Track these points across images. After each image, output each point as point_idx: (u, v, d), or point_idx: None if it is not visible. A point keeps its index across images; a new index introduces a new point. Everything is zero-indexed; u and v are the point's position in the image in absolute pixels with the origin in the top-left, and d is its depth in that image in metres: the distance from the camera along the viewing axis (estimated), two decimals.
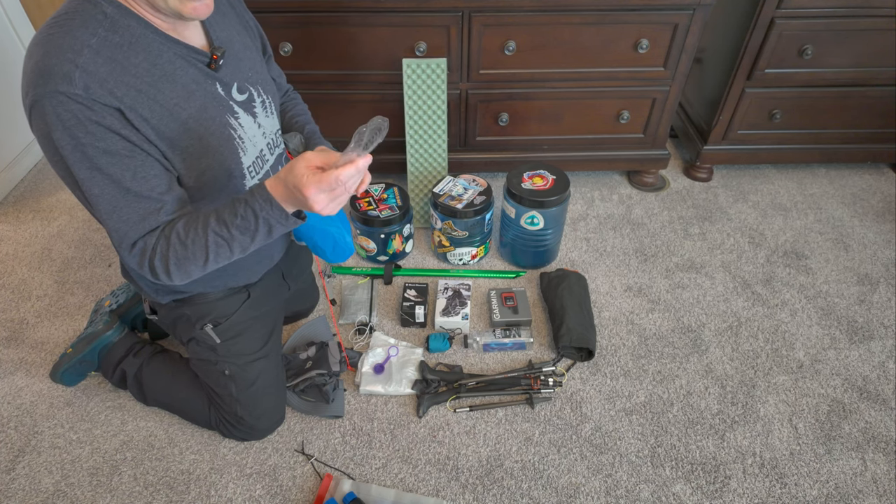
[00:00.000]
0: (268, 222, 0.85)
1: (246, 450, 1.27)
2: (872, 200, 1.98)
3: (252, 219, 0.84)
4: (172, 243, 0.86)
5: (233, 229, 0.85)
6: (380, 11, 1.53)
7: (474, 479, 1.22)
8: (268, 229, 0.86)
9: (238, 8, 1.07)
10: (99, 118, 0.79)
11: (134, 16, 0.84)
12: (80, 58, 0.78)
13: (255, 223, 0.85)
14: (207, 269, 0.90)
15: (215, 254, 0.87)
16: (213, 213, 0.87)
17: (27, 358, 1.45)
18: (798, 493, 1.21)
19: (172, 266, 0.87)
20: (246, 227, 0.85)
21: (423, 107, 1.65)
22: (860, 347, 1.50)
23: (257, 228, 0.85)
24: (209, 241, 0.86)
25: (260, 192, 0.84)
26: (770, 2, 1.61)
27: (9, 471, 1.23)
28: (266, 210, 0.84)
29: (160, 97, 0.86)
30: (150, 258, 0.87)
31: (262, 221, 0.84)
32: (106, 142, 0.80)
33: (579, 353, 1.44)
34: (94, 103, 0.78)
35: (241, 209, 0.84)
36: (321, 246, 1.14)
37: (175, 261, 0.87)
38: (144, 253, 0.87)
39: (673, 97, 1.76)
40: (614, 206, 1.95)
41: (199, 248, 0.86)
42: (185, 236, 0.86)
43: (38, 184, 2.02)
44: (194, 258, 0.87)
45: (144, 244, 0.87)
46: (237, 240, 0.86)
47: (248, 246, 0.89)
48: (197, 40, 0.94)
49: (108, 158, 0.81)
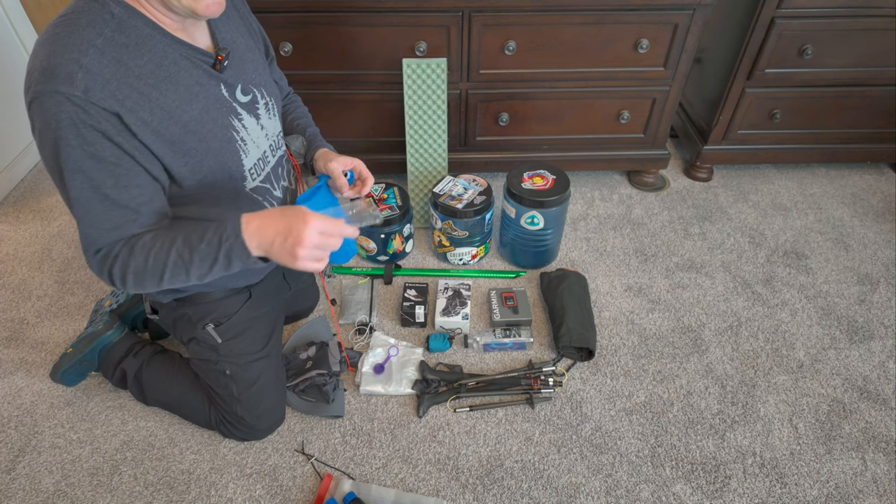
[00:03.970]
0: (228, 255, 0.86)
1: (246, 450, 1.27)
2: (872, 200, 1.98)
3: (216, 246, 0.86)
4: (135, 254, 0.87)
5: (195, 254, 0.87)
6: (380, 11, 1.53)
7: (474, 479, 1.22)
8: (227, 262, 0.87)
9: (242, 10, 1.07)
10: (94, 122, 0.79)
11: (141, 16, 0.84)
12: (85, 58, 0.78)
13: (216, 252, 0.86)
14: (162, 286, 0.91)
15: (171, 274, 0.88)
16: (182, 234, 0.88)
17: (27, 358, 1.45)
18: (798, 493, 1.21)
19: (130, 277, 0.88)
20: (207, 254, 0.87)
21: (423, 107, 1.65)
22: (860, 347, 1.50)
23: (217, 258, 0.87)
24: (169, 261, 0.87)
25: (232, 224, 0.86)
26: (770, 2, 1.61)
27: (9, 471, 1.23)
28: (231, 241, 0.85)
29: (162, 99, 0.85)
30: (111, 265, 0.88)
31: (223, 252, 0.86)
32: (95, 147, 0.81)
33: (579, 353, 1.44)
34: (91, 106, 0.78)
35: (209, 234, 0.87)
36: None
37: (133, 272, 0.88)
38: (106, 260, 0.88)
39: (673, 97, 1.76)
40: (614, 206, 1.95)
41: (158, 265, 0.87)
42: (148, 251, 0.87)
43: (38, 184, 2.02)
44: (152, 274, 0.88)
45: (108, 251, 0.88)
46: (195, 265, 0.88)
47: (205, 275, 0.89)
48: (203, 41, 0.94)
49: (94, 163, 0.82)
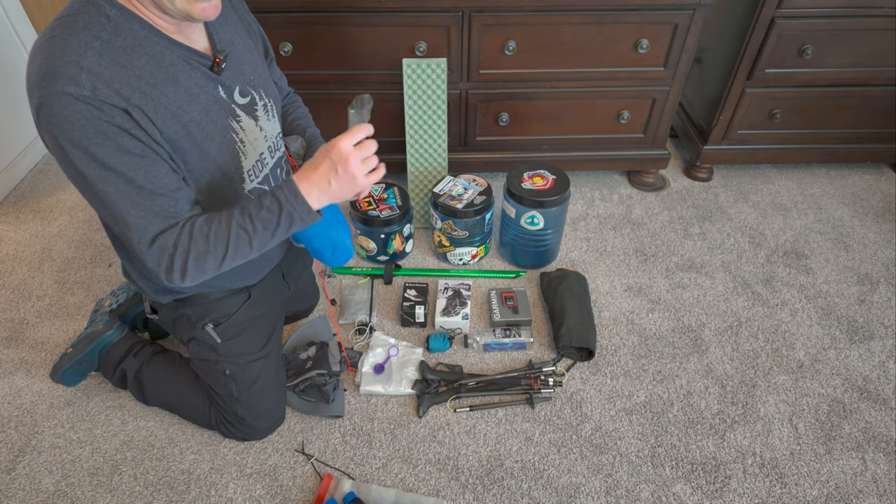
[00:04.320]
0: (290, 216, 0.88)
1: (246, 450, 1.27)
2: (872, 200, 1.98)
3: (276, 210, 0.88)
4: (195, 237, 0.87)
5: (256, 221, 0.88)
6: (380, 11, 1.53)
7: (474, 479, 1.22)
8: (289, 223, 0.89)
9: (241, 11, 1.07)
10: (108, 118, 0.79)
11: (137, 18, 0.84)
12: (85, 60, 0.77)
13: (278, 215, 0.88)
14: (223, 266, 0.91)
15: (235, 247, 0.89)
16: (237, 207, 0.90)
17: (27, 358, 1.45)
18: (798, 492, 1.21)
19: (191, 262, 0.88)
20: (269, 220, 0.88)
21: (423, 107, 1.65)
22: (860, 347, 1.50)
23: (279, 222, 0.89)
24: (231, 234, 0.88)
25: (287, 186, 0.88)
26: (770, 2, 1.61)
27: (9, 471, 1.23)
28: (291, 202, 0.88)
29: (164, 99, 0.85)
30: (171, 255, 0.87)
31: (285, 214, 0.88)
32: (117, 141, 0.80)
33: (579, 353, 1.44)
34: (102, 104, 0.78)
35: (266, 201, 0.89)
36: (320, 250, 1.14)
37: (195, 255, 0.87)
38: (164, 249, 0.87)
39: (673, 97, 1.76)
40: (614, 206, 1.95)
41: (221, 242, 0.88)
42: (207, 229, 0.87)
43: (38, 184, 2.02)
44: (214, 252, 0.88)
45: (165, 240, 0.87)
46: (258, 233, 0.89)
47: (267, 241, 0.91)
48: (200, 43, 0.94)
49: (120, 157, 0.81)
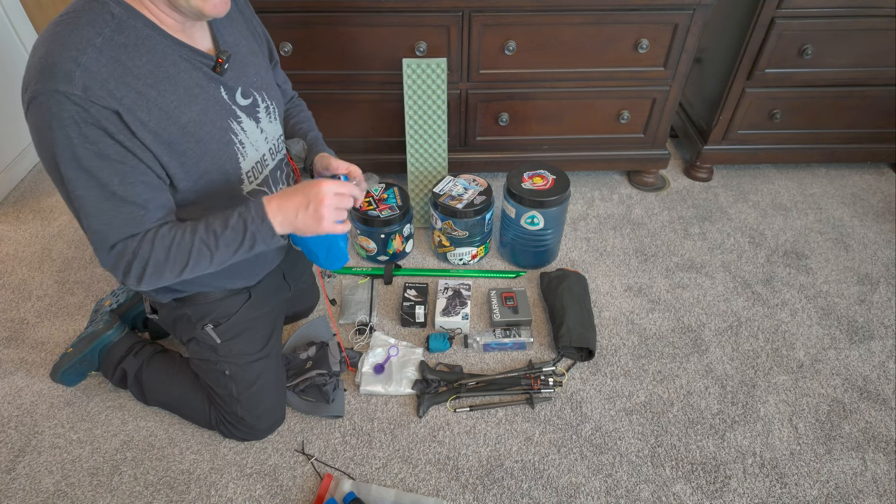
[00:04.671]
0: (254, 237, 0.90)
1: (246, 450, 1.27)
2: (872, 200, 1.98)
3: (241, 230, 0.89)
4: (156, 247, 0.88)
5: (220, 240, 0.89)
6: (380, 11, 1.53)
7: (474, 479, 1.22)
8: (251, 244, 0.90)
9: (246, 13, 1.07)
10: (95, 121, 0.79)
11: (141, 17, 0.84)
12: (84, 56, 0.78)
13: (242, 235, 0.89)
14: (183, 276, 0.92)
15: (195, 262, 0.90)
16: (202, 222, 0.90)
17: (27, 358, 1.45)
18: (798, 493, 1.21)
19: (149, 270, 0.89)
20: (233, 239, 0.89)
21: (423, 107, 1.65)
22: (860, 347, 1.50)
23: (242, 242, 0.90)
24: (193, 249, 0.89)
25: (256, 208, 0.89)
26: (770, 2, 1.61)
27: (9, 471, 1.23)
28: (256, 224, 0.89)
29: (160, 100, 0.85)
30: (129, 261, 0.88)
31: (248, 235, 0.89)
32: (99, 145, 0.81)
33: (579, 353, 1.44)
34: (91, 105, 0.78)
35: (232, 221, 0.89)
36: (315, 252, 1.13)
37: (154, 264, 0.88)
38: (122, 256, 0.88)
39: (673, 97, 1.76)
40: (614, 206, 1.95)
41: (181, 255, 0.89)
42: (169, 242, 0.88)
43: (38, 184, 2.02)
44: (173, 264, 0.89)
45: (124, 247, 0.88)
46: (220, 251, 0.90)
47: (228, 258, 0.92)
48: (204, 43, 0.94)
49: (99, 162, 0.82)
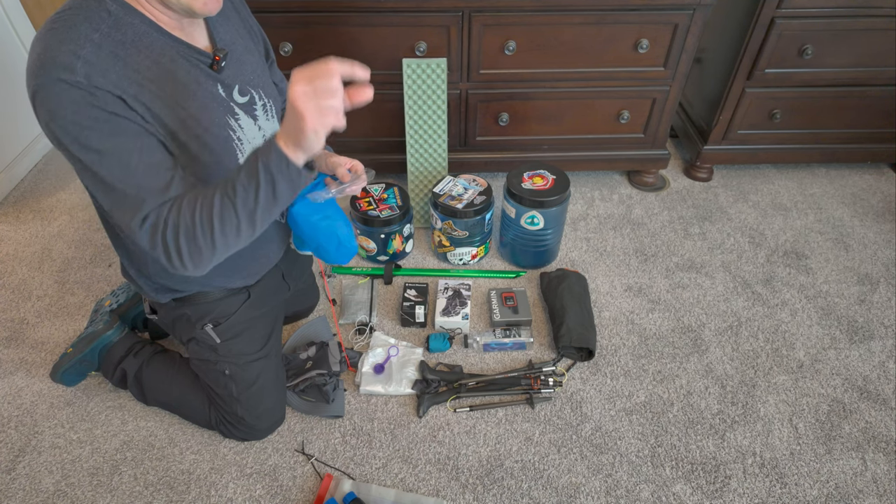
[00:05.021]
0: (268, 168, 0.80)
1: (246, 450, 1.27)
2: (872, 200, 1.98)
3: (253, 167, 0.81)
4: (183, 212, 0.84)
5: (237, 185, 0.82)
6: (380, 11, 1.53)
7: (474, 479, 1.22)
8: (270, 180, 0.81)
9: (242, 12, 1.07)
10: (101, 104, 0.78)
11: (138, 14, 0.84)
12: (83, 50, 0.78)
13: (256, 174, 0.81)
14: (217, 245, 0.85)
15: (220, 220, 0.83)
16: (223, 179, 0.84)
17: (27, 358, 1.45)
18: (798, 493, 1.21)
19: (182, 240, 0.84)
20: (249, 179, 0.81)
21: (423, 107, 1.65)
22: (860, 347, 1.50)
23: (259, 180, 0.81)
24: (215, 204, 0.83)
25: (266, 141, 0.81)
26: (770, 2, 1.61)
27: (9, 471, 1.23)
28: (265, 154, 0.80)
29: (161, 94, 0.85)
30: (163, 232, 0.84)
31: (262, 168, 0.80)
32: (110, 124, 0.80)
33: (579, 353, 1.44)
34: (96, 90, 0.78)
35: (246, 163, 0.82)
36: (325, 246, 1.13)
37: (185, 232, 0.83)
38: (156, 228, 0.84)
39: (673, 97, 1.76)
40: (614, 206, 1.95)
41: (206, 215, 0.83)
42: (194, 203, 0.84)
43: (38, 184, 2.02)
44: (202, 227, 0.83)
45: (157, 217, 0.84)
46: (240, 199, 0.82)
47: (253, 208, 0.83)
48: (201, 42, 0.94)
49: (114, 140, 0.80)
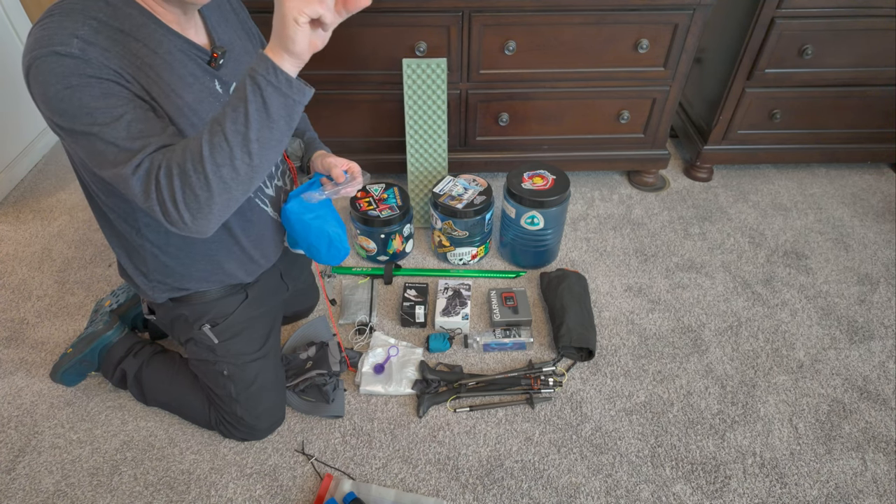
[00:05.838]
0: (254, 79, 0.74)
1: (246, 450, 1.27)
2: (872, 200, 1.97)
3: (241, 83, 0.76)
4: (175, 151, 0.80)
5: (226, 107, 0.77)
6: (380, 11, 1.53)
7: (474, 479, 1.22)
8: (257, 90, 0.75)
9: (241, 15, 1.08)
10: (95, 72, 0.77)
11: (137, 5, 0.84)
12: (81, 31, 0.78)
13: (243, 87, 0.75)
14: (211, 182, 0.79)
15: (210, 147, 0.77)
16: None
17: (27, 358, 1.45)
18: (798, 493, 1.21)
19: (176, 182, 0.79)
20: (238, 98, 0.76)
21: (423, 107, 1.65)
22: (860, 347, 1.50)
23: (246, 94, 0.75)
24: (204, 135, 0.78)
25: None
26: (770, 2, 1.61)
27: (9, 471, 1.23)
28: (251, 66, 0.75)
29: (159, 80, 0.85)
30: (156, 176, 0.80)
31: (248, 79, 0.75)
32: (103, 86, 0.78)
33: (579, 353, 1.44)
34: (91, 60, 0.77)
35: (235, 87, 0.78)
36: (316, 246, 1.14)
37: (179, 172, 0.79)
38: (150, 173, 0.81)
39: (673, 97, 1.76)
40: (614, 206, 1.95)
41: (195, 146, 0.78)
42: (186, 142, 0.80)
43: (38, 184, 2.02)
44: (193, 157, 0.78)
45: (150, 163, 0.81)
46: (229, 120, 0.76)
47: (245, 130, 0.77)
48: (199, 39, 0.95)
49: (106, 100, 0.78)
